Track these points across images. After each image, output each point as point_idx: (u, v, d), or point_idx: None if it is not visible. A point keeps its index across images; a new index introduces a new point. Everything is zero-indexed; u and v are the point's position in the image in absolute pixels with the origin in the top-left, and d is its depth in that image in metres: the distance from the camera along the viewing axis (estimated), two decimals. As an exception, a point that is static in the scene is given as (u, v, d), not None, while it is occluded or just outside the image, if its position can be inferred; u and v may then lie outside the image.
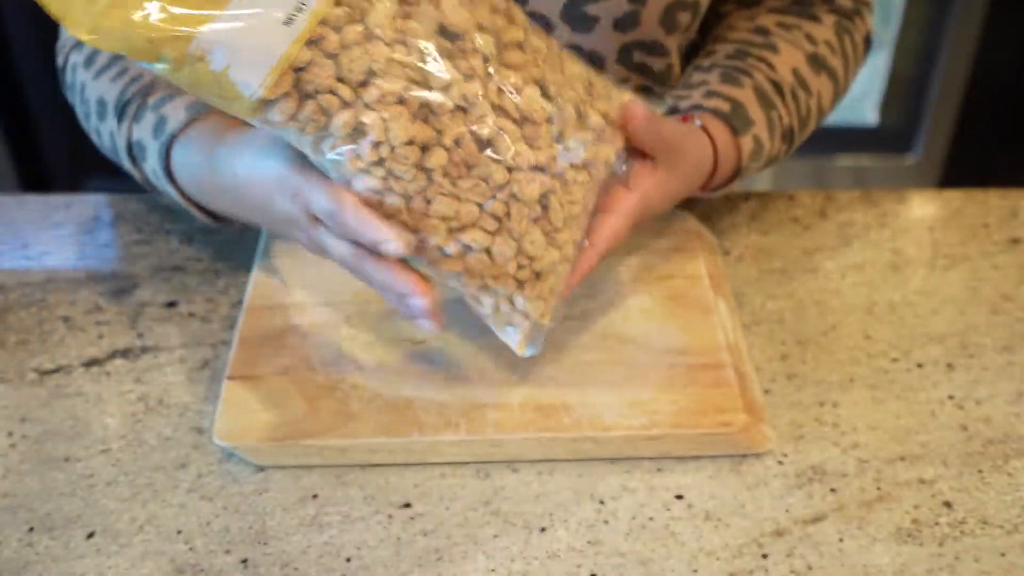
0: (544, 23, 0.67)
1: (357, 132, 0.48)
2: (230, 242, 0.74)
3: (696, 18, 0.70)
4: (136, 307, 0.69)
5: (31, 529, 0.54)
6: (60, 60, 0.72)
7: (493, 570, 0.52)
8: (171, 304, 0.69)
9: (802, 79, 0.68)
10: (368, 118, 0.48)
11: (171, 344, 0.66)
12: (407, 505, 0.55)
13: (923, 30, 1.82)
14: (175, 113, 0.61)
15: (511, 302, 0.54)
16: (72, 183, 1.75)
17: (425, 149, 0.49)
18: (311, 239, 0.53)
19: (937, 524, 0.54)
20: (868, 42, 0.75)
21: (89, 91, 0.68)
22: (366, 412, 0.57)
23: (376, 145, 0.48)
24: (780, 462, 0.58)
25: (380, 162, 0.48)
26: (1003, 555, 0.52)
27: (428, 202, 0.50)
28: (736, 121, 0.64)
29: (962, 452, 0.58)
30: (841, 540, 0.53)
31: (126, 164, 0.66)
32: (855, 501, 0.55)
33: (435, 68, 0.48)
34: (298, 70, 0.47)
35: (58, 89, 0.76)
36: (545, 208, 0.52)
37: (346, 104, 0.48)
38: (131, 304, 0.69)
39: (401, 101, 0.48)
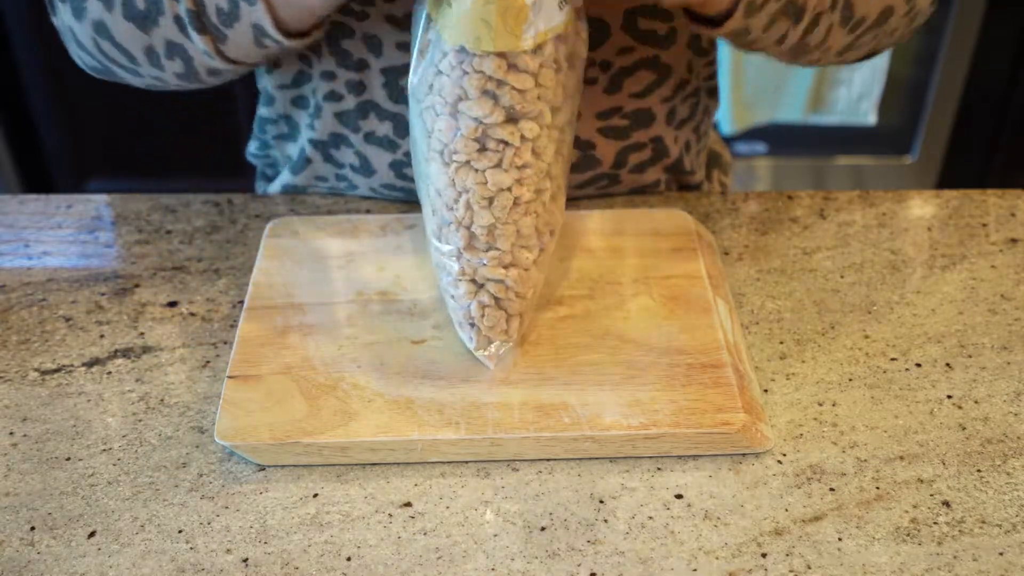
0: None
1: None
2: (230, 242, 0.74)
3: None
4: (137, 307, 0.69)
5: (32, 528, 0.54)
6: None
7: (493, 569, 0.52)
8: (172, 304, 0.69)
9: None
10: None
11: (172, 344, 0.66)
12: (407, 504, 0.55)
13: (921, 32, 1.82)
14: None
15: (507, 322, 0.60)
16: (73, 183, 1.75)
17: None
18: None
19: (936, 523, 0.54)
20: None
21: None
22: (366, 411, 0.58)
23: (533, 153, 0.56)
24: (779, 461, 0.58)
25: (523, 167, 0.56)
26: (1001, 554, 0.53)
27: (525, 214, 0.57)
28: None
29: (961, 451, 0.58)
30: (840, 539, 0.53)
31: (167, 2, 0.60)
32: (854, 500, 0.55)
33: None
34: None
35: (58, 89, 0.76)
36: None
37: None
38: (132, 304, 0.69)
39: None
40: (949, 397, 0.62)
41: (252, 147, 0.87)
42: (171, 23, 0.61)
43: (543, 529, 0.54)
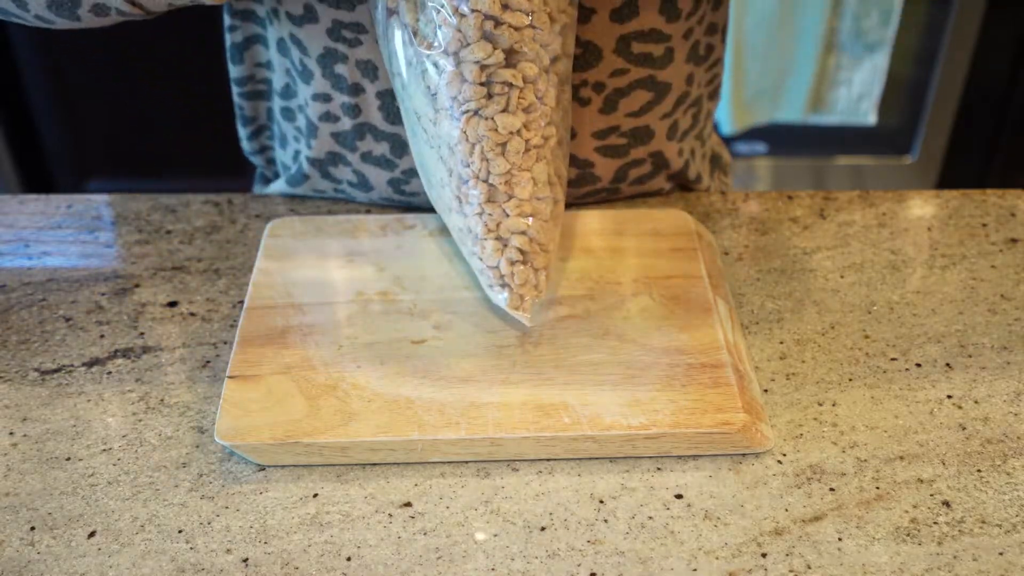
0: None
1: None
2: (231, 242, 0.75)
3: (702, 2, 0.69)
4: (137, 307, 0.69)
5: (32, 528, 0.54)
6: None
7: (493, 569, 0.52)
8: (172, 304, 0.69)
9: None
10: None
11: (172, 344, 0.66)
12: (407, 504, 0.55)
13: (921, 31, 1.82)
14: None
15: (536, 278, 0.62)
16: (73, 183, 1.75)
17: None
18: None
19: (936, 523, 0.54)
20: None
21: None
22: (366, 411, 0.58)
23: (536, 96, 0.59)
24: (779, 461, 0.58)
25: (528, 110, 0.58)
26: (1001, 554, 0.53)
27: (537, 160, 0.60)
28: None
29: (961, 451, 0.58)
30: (840, 539, 0.53)
31: None
32: (854, 500, 0.55)
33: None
34: None
35: (58, 89, 0.76)
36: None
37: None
38: (132, 304, 0.69)
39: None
40: (949, 397, 0.62)
41: (248, 147, 0.86)
42: None
43: (543, 529, 0.54)
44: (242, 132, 0.84)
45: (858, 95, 1.89)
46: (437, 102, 0.59)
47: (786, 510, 0.55)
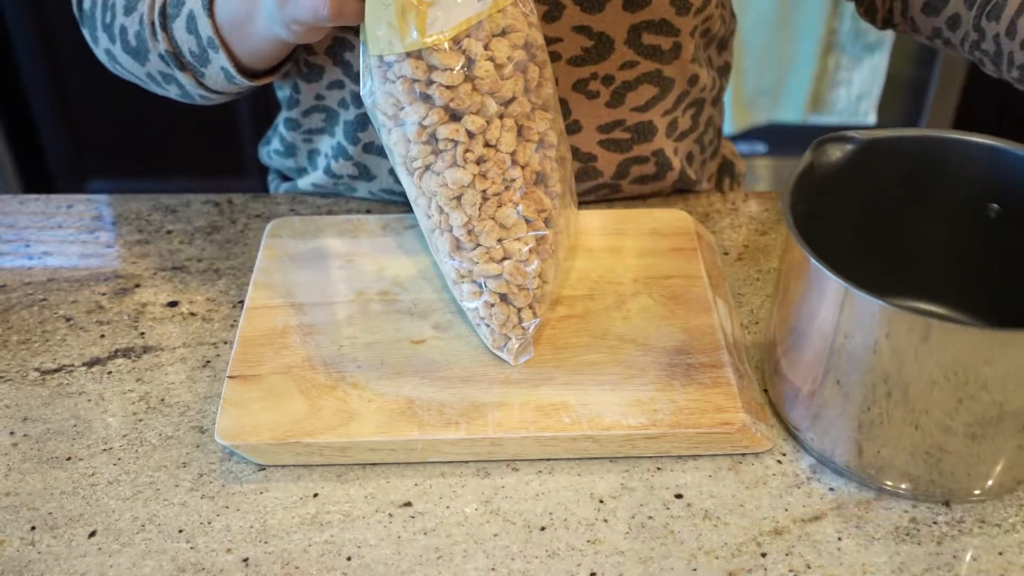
0: (554, 2, 0.66)
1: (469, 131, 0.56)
2: (231, 242, 0.75)
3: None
4: (137, 307, 0.69)
5: (33, 528, 0.54)
6: None
7: (493, 569, 0.52)
8: (172, 304, 0.69)
9: None
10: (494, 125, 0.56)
11: (172, 343, 0.66)
12: (407, 504, 0.55)
13: (922, 31, 1.82)
14: None
15: (519, 316, 0.60)
16: (74, 183, 1.75)
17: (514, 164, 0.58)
18: None
19: (935, 523, 0.54)
20: None
21: None
22: (366, 411, 0.58)
23: (487, 145, 0.57)
24: (779, 461, 0.58)
25: (480, 161, 0.57)
26: (1001, 554, 0.53)
27: (499, 206, 0.57)
28: None
29: (960, 451, 0.58)
30: (839, 539, 0.53)
31: (150, 42, 0.67)
32: (853, 500, 0.55)
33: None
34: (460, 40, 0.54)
35: (58, 89, 0.77)
36: (555, 243, 0.62)
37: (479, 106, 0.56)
38: (132, 304, 0.69)
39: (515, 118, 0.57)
40: (949, 397, 0.62)
41: (274, 144, 0.85)
42: (157, 59, 0.68)
43: (543, 529, 0.54)
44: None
45: (858, 95, 1.89)
46: (394, 159, 0.59)
47: (786, 510, 0.55)
